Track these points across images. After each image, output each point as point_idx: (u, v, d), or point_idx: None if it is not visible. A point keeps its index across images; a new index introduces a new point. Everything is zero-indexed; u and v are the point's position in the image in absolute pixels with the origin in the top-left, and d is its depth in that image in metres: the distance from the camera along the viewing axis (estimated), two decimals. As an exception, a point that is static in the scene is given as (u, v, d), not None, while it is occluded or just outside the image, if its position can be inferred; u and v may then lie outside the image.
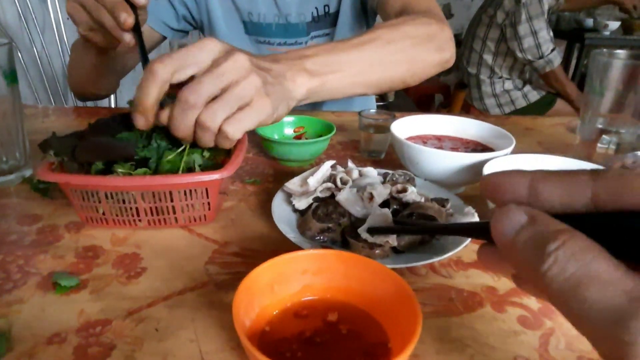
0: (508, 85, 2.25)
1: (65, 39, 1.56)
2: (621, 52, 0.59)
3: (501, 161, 0.48)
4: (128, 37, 0.56)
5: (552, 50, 2.05)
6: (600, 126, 0.59)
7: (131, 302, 0.36)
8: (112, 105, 1.44)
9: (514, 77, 2.24)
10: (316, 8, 0.88)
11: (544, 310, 0.36)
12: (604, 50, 0.60)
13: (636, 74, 0.55)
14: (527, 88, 2.26)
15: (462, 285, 0.39)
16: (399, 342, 0.28)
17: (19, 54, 1.47)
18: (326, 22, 0.90)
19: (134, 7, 0.55)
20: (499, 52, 2.15)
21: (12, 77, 0.54)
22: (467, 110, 2.37)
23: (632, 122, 0.58)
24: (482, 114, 2.37)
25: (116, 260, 0.41)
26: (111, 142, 0.43)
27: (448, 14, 3.98)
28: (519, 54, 2.07)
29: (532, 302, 0.37)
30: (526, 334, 0.34)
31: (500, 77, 2.23)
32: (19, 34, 1.59)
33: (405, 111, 0.89)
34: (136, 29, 0.56)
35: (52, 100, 1.56)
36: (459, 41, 3.49)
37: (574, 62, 2.97)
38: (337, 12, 0.89)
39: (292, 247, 0.40)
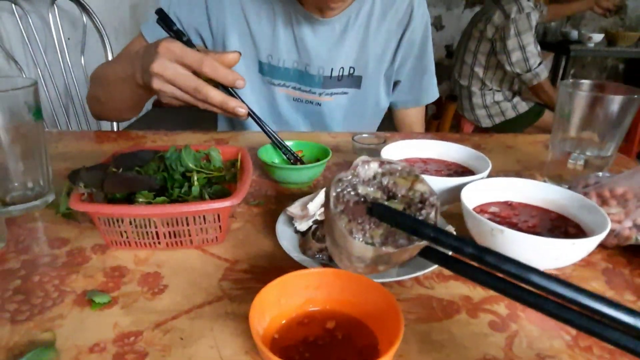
0: (498, 96, 2.34)
1: (68, 58, 1.62)
2: (585, 83, 0.66)
3: (478, 184, 0.54)
4: (245, 119, 0.63)
5: (539, 64, 2.13)
6: (568, 150, 0.65)
7: (157, 316, 0.41)
8: (115, 129, 1.49)
9: (504, 89, 2.33)
10: (342, 68, 0.94)
11: (511, 315, 0.42)
12: (570, 80, 0.66)
13: (596, 103, 0.61)
14: (517, 99, 2.35)
15: (442, 295, 0.45)
16: (387, 344, 0.34)
17: (23, 74, 1.52)
18: (348, 82, 0.96)
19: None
20: (490, 65, 2.24)
21: (37, 113, 0.60)
22: (457, 120, 2.45)
23: (598, 144, 0.65)
24: (472, 124, 2.45)
25: (140, 278, 0.47)
26: (135, 176, 0.49)
27: (439, 25, 4.10)
28: (508, 67, 2.16)
29: (502, 309, 0.43)
30: (494, 336, 0.40)
31: (491, 89, 2.32)
32: (21, 54, 1.65)
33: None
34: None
35: (56, 119, 1.62)
36: (451, 52, 3.60)
37: (561, 72, 3.06)
38: (361, 77, 0.96)
39: (295, 264, 0.46)
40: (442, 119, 2.22)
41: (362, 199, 0.28)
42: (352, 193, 0.29)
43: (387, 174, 0.30)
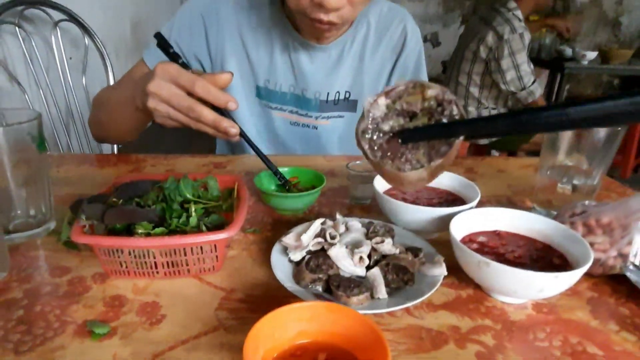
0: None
1: (69, 78, 1.65)
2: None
3: (467, 214, 0.56)
4: (236, 139, 0.64)
5: (533, 82, 2.18)
6: (556, 177, 0.67)
7: (155, 346, 0.43)
8: (115, 151, 1.51)
9: (499, 106, 2.37)
10: (338, 92, 0.97)
11: (498, 346, 0.44)
12: (556, 111, 0.69)
13: (582, 134, 0.63)
14: (511, 116, 2.38)
15: (431, 325, 0.46)
16: (375, 378, 0.36)
17: (26, 96, 1.55)
18: (344, 106, 0.99)
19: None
20: (484, 84, 2.28)
21: (41, 144, 0.62)
22: (454, 138, 2.48)
23: (584, 173, 0.67)
24: (469, 141, 2.48)
25: (139, 308, 0.48)
26: (135, 209, 0.51)
27: (435, 42, 4.15)
28: (503, 86, 2.20)
29: (489, 339, 0.44)
30: (480, 368, 0.41)
31: (487, 107, 2.36)
32: (24, 74, 1.68)
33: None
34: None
35: (57, 138, 1.64)
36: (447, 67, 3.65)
37: (556, 88, 3.10)
38: (356, 101, 0.99)
39: (288, 293, 0.47)
40: (438, 136, 2.25)
41: (391, 134, 0.27)
42: (381, 135, 0.27)
43: (396, 99, 0.29)
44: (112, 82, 1.73)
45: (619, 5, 3.82)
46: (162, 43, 0.67)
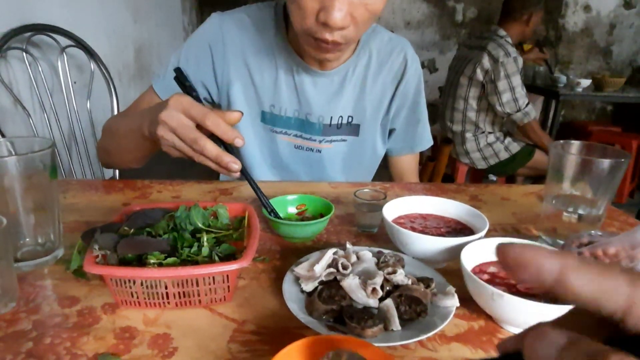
0: (491, 138, 2.41)
1: (74, 101, 1.67)
2: (575, 145, 0.69)
3: (477, 244, 0.56)
4: (237, 175, 0.64)
5: (527, 104, 2.24)
6: (561, 207, 0.68)
7: (168, 380, 0.42)
8: (117, 175, 1.51)
9: (496, 130, 2.41)
10: (341, 117, 0.99)
11: (513, 380, 0.43)
12: (560, 141, 0.70)
13: (585, 166, 0.65)
14: (508, 140, 2.42)
15: (445, 358, 0.46)
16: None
17: (30, 120, 1.56)
18: (346, 130, 1.01)
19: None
20: (481, 108, 2.33)
21: (53, 172, 0.62)
22: (453, 163, 2.51)
23: (589, 202, 0.68)
24: (467, 166, 2.50)
25: (150, 340, 0.48)
26: (147, 240, 0.51)
27: (433, 68, 4.23)
28: (499, 108, 2.25)
29: (503, 373, 0.44)
30: (497, 403, 0.41)
31: (484, 132, 2.39)
32: (28, 97, 1.69)
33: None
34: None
35: (60, 162, 1.64)
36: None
37: (551, 114, 3.15)
38: (359, 125, 1.01)
39: (301, 324, 0.47)
40: (437, 161, 2.27)
41: None
42: None
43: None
44: (115, 106, 1.75)
45: (610, 35, 3.92)
46: (180, 77, 0.68)
